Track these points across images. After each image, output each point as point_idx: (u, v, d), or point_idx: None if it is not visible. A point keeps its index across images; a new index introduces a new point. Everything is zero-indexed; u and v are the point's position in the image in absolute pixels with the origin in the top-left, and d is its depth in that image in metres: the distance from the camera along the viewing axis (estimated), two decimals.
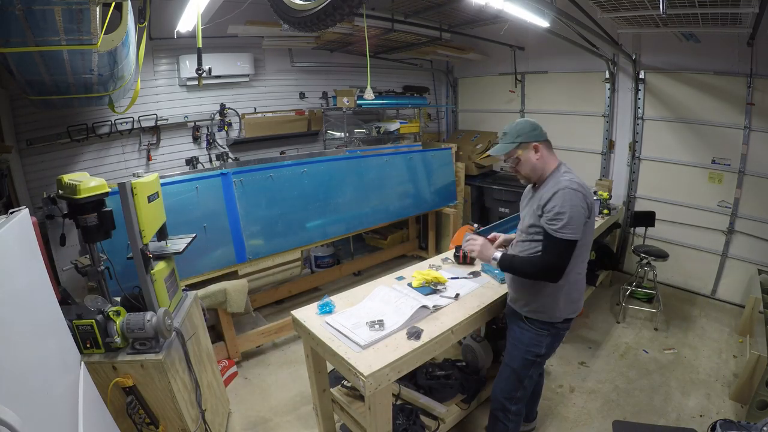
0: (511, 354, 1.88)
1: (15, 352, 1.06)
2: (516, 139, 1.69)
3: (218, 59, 3.76)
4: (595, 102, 4.46)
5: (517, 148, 1.70)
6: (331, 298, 2.05)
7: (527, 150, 1.69)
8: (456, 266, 2.50)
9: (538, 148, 1.69)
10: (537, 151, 1.69)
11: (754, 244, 3.68)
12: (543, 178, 1.73)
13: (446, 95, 6.10)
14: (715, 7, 2.67)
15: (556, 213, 1.56)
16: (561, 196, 1.57)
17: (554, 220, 1.57)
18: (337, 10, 1.77)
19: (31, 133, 3.10)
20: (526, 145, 1.69)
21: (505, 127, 1.75)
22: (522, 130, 1.69)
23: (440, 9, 3.69)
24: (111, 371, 1.64)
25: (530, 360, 1.83)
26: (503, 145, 1.72)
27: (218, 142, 4.01)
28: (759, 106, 3.45)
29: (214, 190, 2.91)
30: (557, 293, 1.73)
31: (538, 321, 1.78)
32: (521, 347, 1.83)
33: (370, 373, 1.50)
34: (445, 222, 4.64)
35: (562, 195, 1.57)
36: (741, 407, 2.51)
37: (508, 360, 1.90)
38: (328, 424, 2.20)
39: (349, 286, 2.35)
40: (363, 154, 3.92)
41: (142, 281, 1.77)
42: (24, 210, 1.31)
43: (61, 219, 2.29)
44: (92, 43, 1.65)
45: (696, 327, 3.49)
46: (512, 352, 1.88)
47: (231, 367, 2.90)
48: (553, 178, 1.68)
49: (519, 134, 1.69)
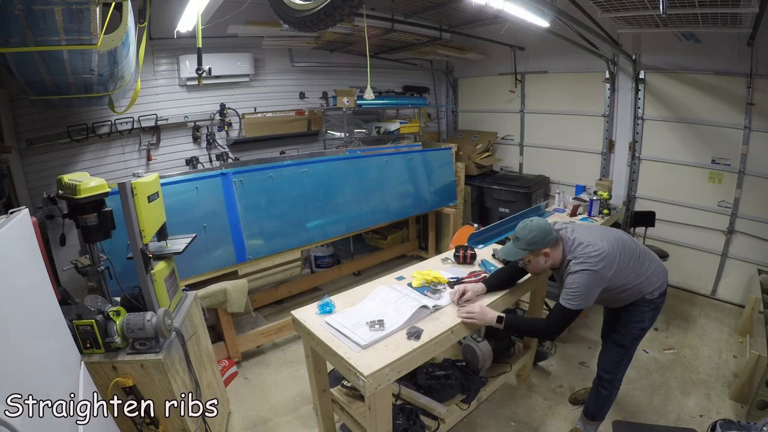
0: (619, 332, 2.06)
1: (15, 352, 1.06)
2: (528, 247, 1.84)
3: (218, 59, 3.76)
4: (595, 102, 4.46)
5: (529, 254, 1.86)
6: (331, 298, 2.05)
7: (537, 256, 1.86)
8: (456, 266, 2.50)
9: (548, 254, 1.86)
10: (547, 256, 1.86)
11: (754, 244, 3.68)
12: (555, 266, 1.93)
13: (446, 95, 6.10)
14: (715, 7, 2.66)
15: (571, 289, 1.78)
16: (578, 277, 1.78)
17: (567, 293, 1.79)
18: (337, 10, 1.77)
19: (31, 133, 3.10)
20: (536, 252, 1.85)
21: (518, 230, 1.88)
22: (534, 240, 1.82)
23: (440, 9, 3.69)
24: (111, 371, 1.64)
25: (637, 334, 2.04)
26: (515, 250, 1.87)
27: (218, 142, 4.01)
28: (759, 106, 3.45)
29: (214, 190, 2.91)
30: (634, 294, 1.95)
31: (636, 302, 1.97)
32: (627, 325, 2.02)
33: (370, 373, 1.50)
34: (445, 222, 4.64)
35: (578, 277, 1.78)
36: (741, 407, 2.51)
37: (617, 338, 2.07)
38: (328, 424, 2.20)
39: (349, 286, 2.35)
40: (363, 154, 3.91)
41: (142, 281, 1.77)
42: (24, 210, 1.31)
43: (61, 219, 2.29)
44: (92, 43, 1.65)
45: (696, 327, 3.49)
46: (620, 330, 2.05)
47: (231, 367, 2.90)
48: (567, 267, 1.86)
49: (531, 243, 1.83)
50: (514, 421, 2.48)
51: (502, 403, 2.62)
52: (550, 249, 1.85)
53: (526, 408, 2.59)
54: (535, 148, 5.23)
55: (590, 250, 1.79)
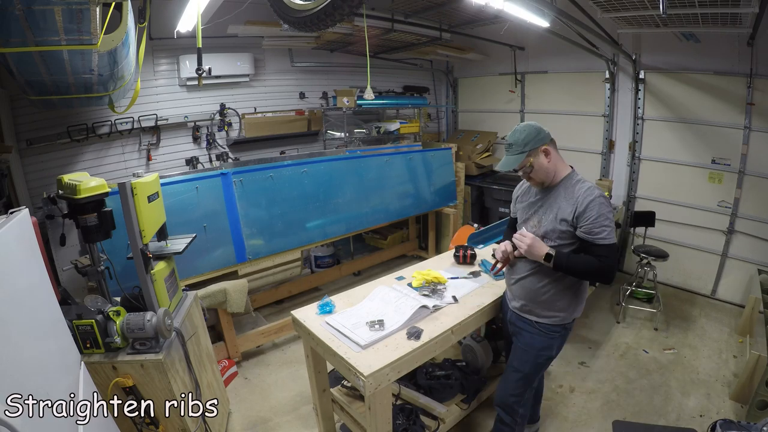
0: (521, 359, 1.85)
1: (15, 352, 1.06)
2: (525, 148, 1.64)
3: (218, 59, 3.75)
4: (595, 102, 4.46)
5: (528, 157, 1.65)
6: (331, 298, 2.05)
7: (538, 156, 1.66)
8: (456, 266, 2.50)
9: (548, 151, 1.66)
10: (547, 154, 1.67)
11: (754, 244, 3.68)
12: (555, 181, 1.71)
13: (446, 95, 6.10)
14: (715, 7, 2.66)
15: (602, 222, 1.57)
16: (597, 206, 1.57)
17: (602, 227, 1.57)
18: (337, 10, 1.77)
19: (31, 133, 3.10)
20: (535, 152, 1.65)
21: (509, 138, 1.69)
22: (528, 138, 1.64)
23: (440, 9, 3.69)
24: (111, 371, 1.65)
25: (542, 363, 1.84)
26: (513, 158, 1.66)
27: (218, 142, 4.01)
28: (759, 106, 3.45)
29: (214, 190, 2.91)
30: (573, 298, 1.75)
31: (550, 324, 1.77)
32: (532, 351, 1.82)
33: (370, 373, 1.50)
34: (445, 222, 4.64)
35: (599, 204, 1.58)
36: (741, 407, 2.51)
37: (518, 365, 1.86)
38: (328, 424, 2.20)
39: (349, 286, 2.35)
40: (363, 154, 3.92)
41: (142, 281, 1.77)
42: (24, 210, 1.31)
43: (61, 219, 2.29)
44: (92, 43, 1.65)
45: (696, 327, 3.49)
46: (522, 357, 1.85)
47: (231, 367, 2.90)
48: (573, 185, 1.67)
49: (526, 142, 1.64)
50: None
51: None
52: (550, 148, 1.67)
53: None
54: None
55: None
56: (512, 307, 1.89)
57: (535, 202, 1.77)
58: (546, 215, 1.70)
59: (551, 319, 1.76)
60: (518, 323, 1.87)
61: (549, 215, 1.69)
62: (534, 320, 1.79)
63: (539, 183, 1.73)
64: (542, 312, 1.77)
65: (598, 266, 1.59)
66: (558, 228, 1.65)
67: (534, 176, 1.70)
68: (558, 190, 1.69)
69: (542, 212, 1.73)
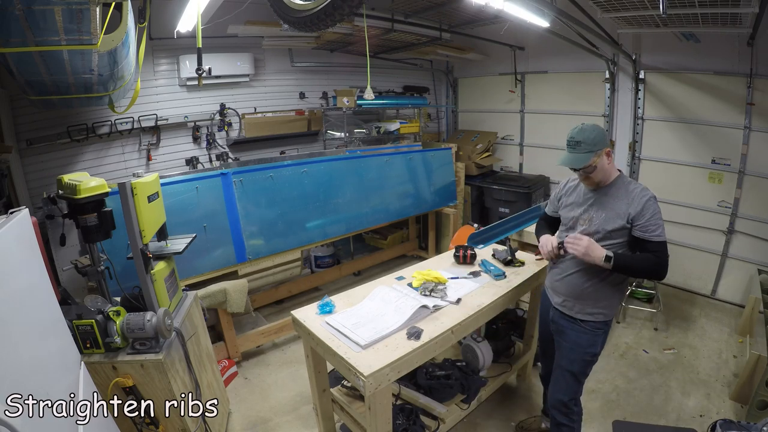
0: (568, 358, 1.87)
1: (15, 352, 1.06)
2: (594, 148, 1.65)
3: (218, 59, 3.76)
4: (595, 102, 4.46)
5: (594, 157, 1.66)
6: (331, 298, 2.05)
7: (602, 157, 1.68)
8: (456, 266, 2.50)
9: (609, 153, 1.71)
10: (609, 156, 1.71)
11: (754, 244, 3.68)
12: (608, 181, 1.76)
13: (446, 95, 6.10)
14: (715, 7, 2.66)
15: (655, 222, 1.64)
16: (652, 206, 1.65)
17: (657, 225, 1.64)
18: (337, 10, 1.77)
19: (31, 133, 3.10)
20: (600, 153, 1.67)
21: (576, 136, 1.69)
22: (597, 138, 1.66)
23: (440, 9, 3.69)
24: (111, 371, 1.65)
25: (589, 360, 1.86)
26: (580, 156, 1.66)
27: (218, 142, 4.01)
28: (759, 106, 3.44)
29: (214, 190, 2.91)
30: (615, 294, 1.80)
31: (595, 322, 1.80)
32: (579, 350, 1.84)
33: (370, 373, 1.50)
34: (445, 222, 4.64)
35: (653, 205, 1.65)
36: (741, 407, 2.51)
37: (566, 364, 1.88)
38: (328, 424, 2.20)
39: (349, 286, 2.35)
40: (363, 154, 3.92)
41: (142, 281, 1.77)
42: (24, 210, 1.31)
43: (61, 219, 2.29)
44: (92, 43, 1.65)
45: (696, 327, 3.49)
46: (569, 356, 1.87)
47: (231, 367, 2.90)
48: (626, 185, 1.73)
49: (595, 143, 1.65)
50: (514, 421, 2.47)
51: (502, 403, 2.62)
52: (610, 149, 1.71)
53: (526, 408, 2.58)
54: (535, 148, 5.22)
55: None
56: (555, 303, 1.92)
57: (585, 201, 1.82)
58: (598, 214, 1.74)
59: (595, 316, 1.79)
60: (561, 321, 1.90)
61: (601, 214, 1.73)
62: (579, 318, 1.82)
63: (595, 183, 1.76)
64: (585, 309, 1.80)
65: (655, 262, 1.64)
66: (611, 226, 1.69)
67: (594, 176, 1.72)
68: (611, 191, 1.74)
69: (593, 211, 1.77)
